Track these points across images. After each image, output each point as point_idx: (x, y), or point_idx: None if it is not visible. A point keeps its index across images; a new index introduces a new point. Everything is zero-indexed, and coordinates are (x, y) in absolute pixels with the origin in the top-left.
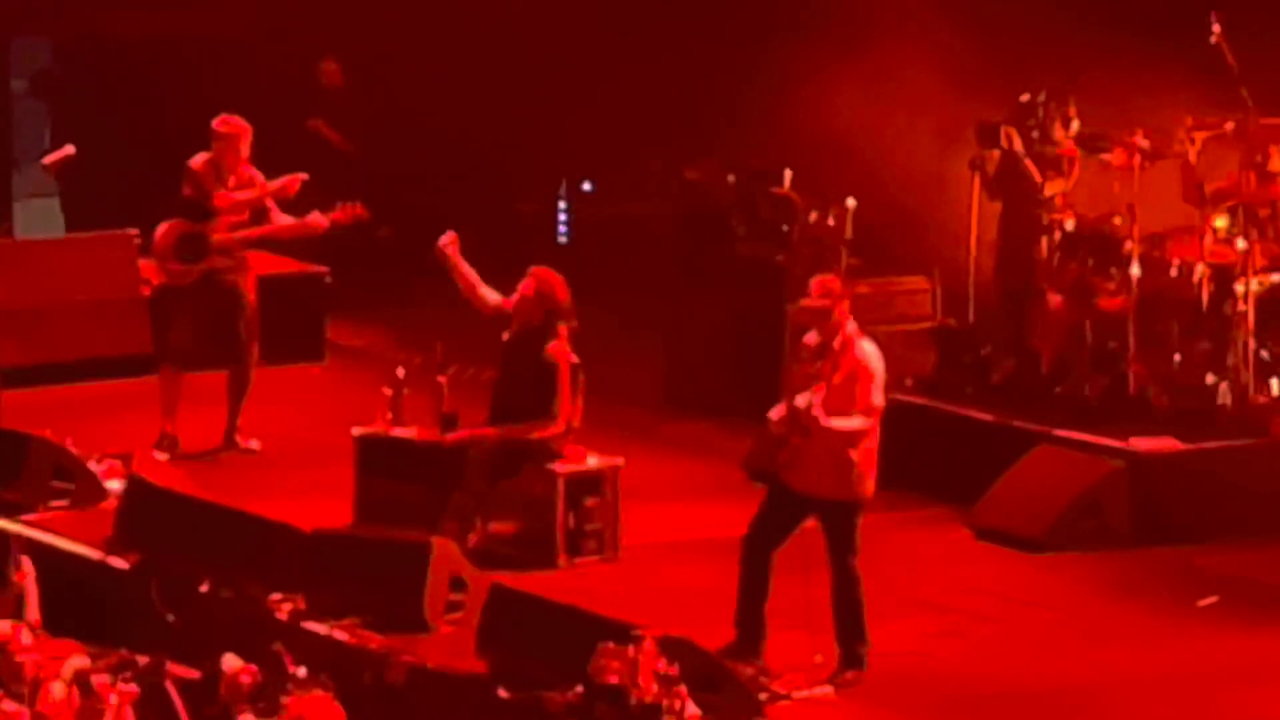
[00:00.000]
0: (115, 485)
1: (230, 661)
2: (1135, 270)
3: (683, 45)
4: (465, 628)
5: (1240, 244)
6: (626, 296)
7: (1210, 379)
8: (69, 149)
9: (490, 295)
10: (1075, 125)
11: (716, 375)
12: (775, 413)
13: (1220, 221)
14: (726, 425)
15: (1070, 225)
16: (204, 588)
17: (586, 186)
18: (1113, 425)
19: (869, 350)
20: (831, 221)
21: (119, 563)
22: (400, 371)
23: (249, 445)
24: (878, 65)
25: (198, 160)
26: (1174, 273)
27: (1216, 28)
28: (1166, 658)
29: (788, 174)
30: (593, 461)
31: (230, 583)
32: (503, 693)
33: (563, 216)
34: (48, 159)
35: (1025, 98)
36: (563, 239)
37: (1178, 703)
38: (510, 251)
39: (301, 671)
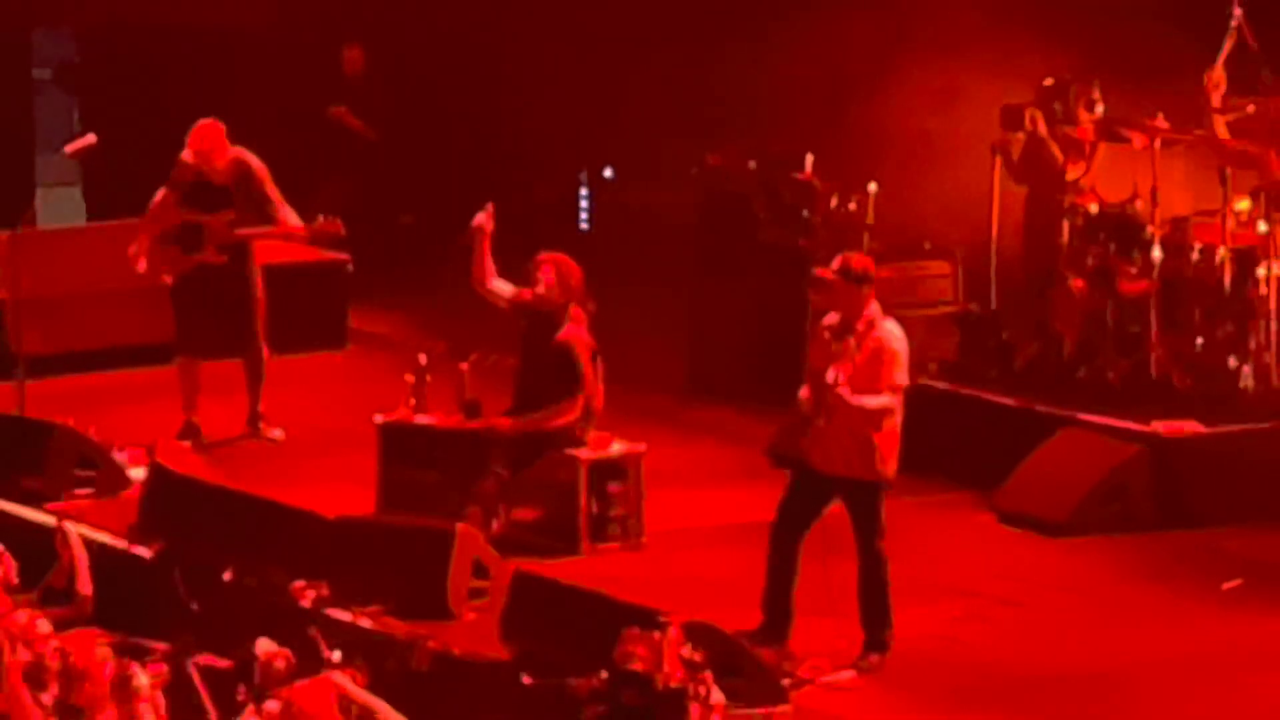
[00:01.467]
0: (138, 473)
1: (264, 646)
2: (1157, 254)
3: (703, 31)
4: (489, 614)
5: (1262, 227)
6: (648, 283)
7: (1232, 362)
8: (91, 138)
9: (504, 287)
10: (1100, 108)
11: (739, 361)
12: (805, 392)
13: (1242, 204)
14: (749, 410)
15: (1093, 209)
16: (227, 576)
17: (608, 173)
18: (1135, 409)
19: (893, 330)
20: (853, 206)
21: (142, 551)
22: (422, 358)
23: (272, 434)
24: (900, 49)
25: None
26: (1196, 256)
27: (1238, 10)
28: (1191, 641)
29: (809, 159)
30: (616, 448)
31: (254, 570)
32: (527, 679)
33: (584, 204)
34: (70, 147)
35: (1050, 81)
36: (584, 226)
37: (1203, 685)
38: (531, 239)
39: (336, 655)
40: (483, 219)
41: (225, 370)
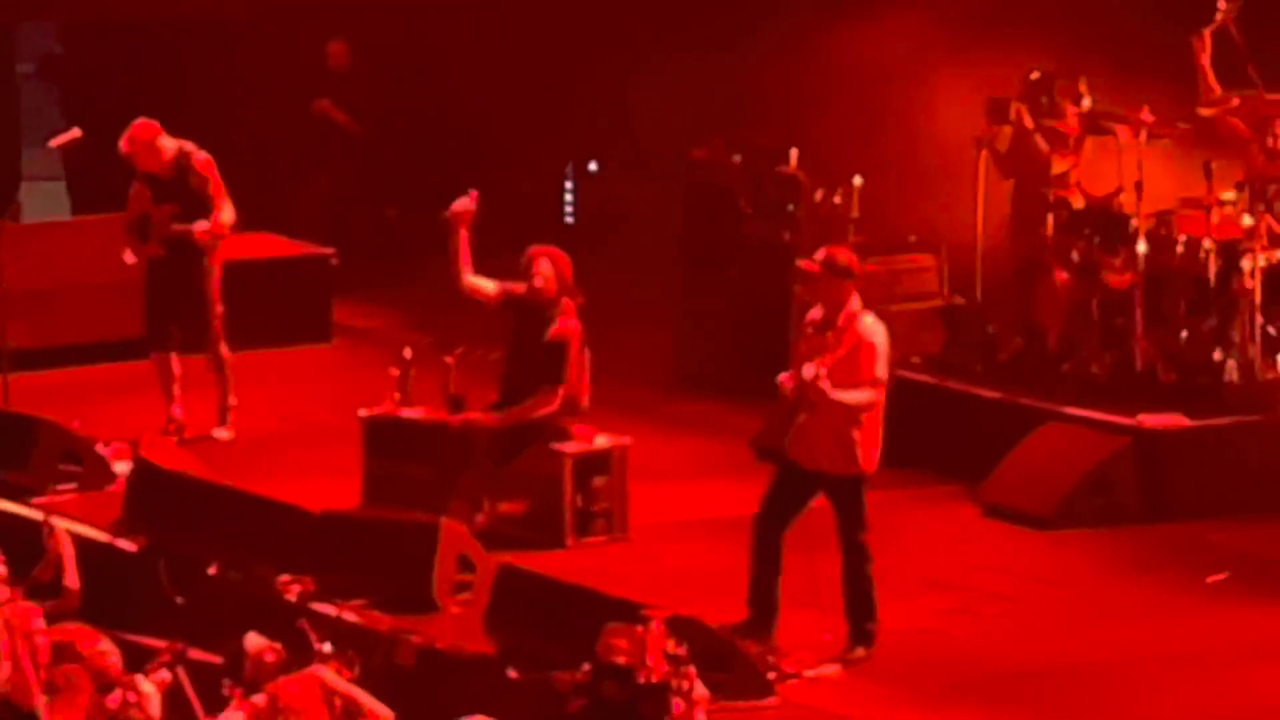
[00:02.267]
0: (123, 468)
1: (254, 640)
2: (1142, 247)
3: (688, 24)
4: (474, 608)
5: (1246, 220)
6: (633, 276)
7: (1217, 355)
8: (76, 132)
9: (486, 283)
10: (1086, 102)
11: (724, 354)
12: (785, 378)
13: (1227, 197)
14: (734, 404)
15: (1078, 202)
16: (212, 570)
17: (592, 167)
18: (1120, 402)
19: (873, 324)
20: (838, 200)
21: (127, 545)
22: (407, 352)
23: (218, 434)
24: (884, 43)
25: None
26: (1180, 249)
27: (1222, 4)
28: (1176, 634)
29: (794, 153)
30: (601, 441)
31: (239, 564)
32: (512, 673)
33: (569, 197)
34: (55, 141)
35: (1036, 74)
36: (569, 219)
37: (1188, 678)
38: (517, 232)
39: (327, 647)
40: (465, 203)
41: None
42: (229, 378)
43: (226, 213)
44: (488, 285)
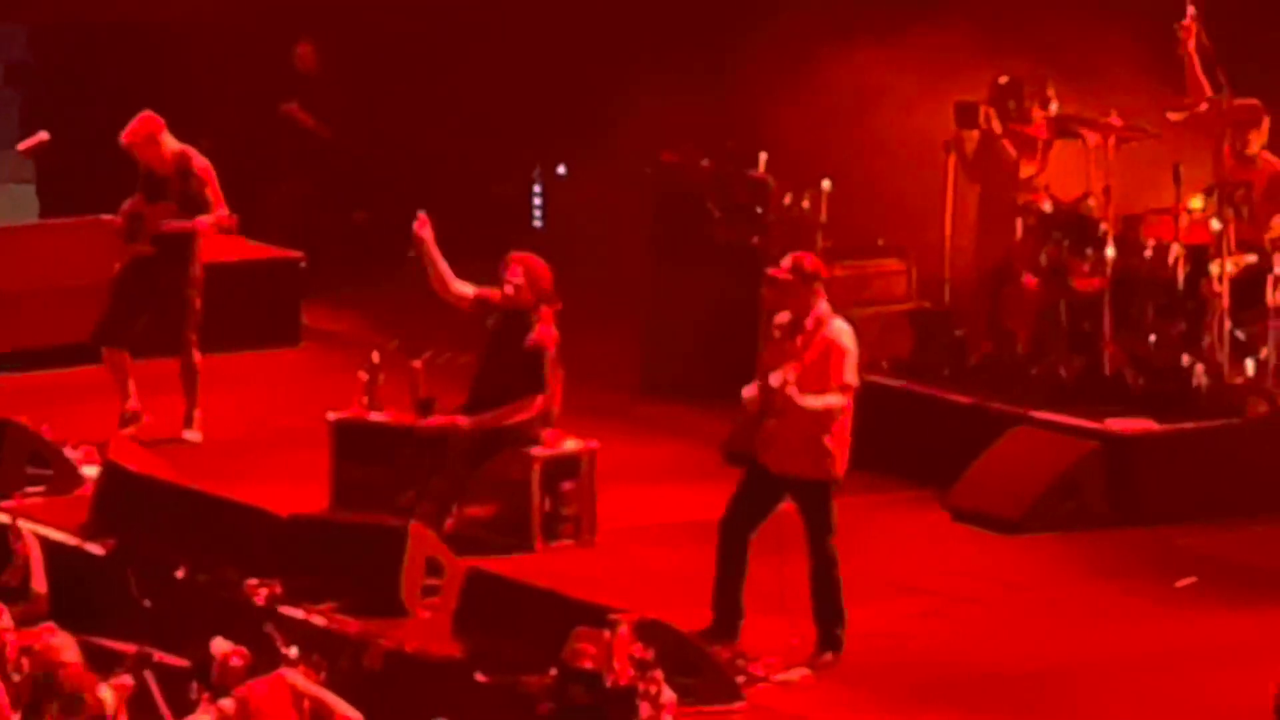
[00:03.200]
0: (91, 471)
1: (219, 645)
2: (1110, 251)
3: (658, 29)
4: (442, 612)
5: (1215, 225)
6: (602, 280)
7: (1186, 360)
8: (44, 135)
9: (464, 288)
10: (1054, 106)
11: (693, 358)
12: (749, 390)
13: (1195, 202)
14: (703, 408)
15: (1046, 206)
16: (180, 573)
17: (561, 170)
18: (1089, 406)
19: (841, 328)
20: (807, 204)
21: (95, 549)
22: (375, 356)
23: (187, 435)
24: (853, 47)
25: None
26: (1149, 254)
27: (1191, 9)
28: (1145, 638)
29: (763, 157)
30: (569, 445)
31: (207, 568)
32: (480, 677)
33: (538, 201)
34: (23, 145)
35: (1004, 79)
36: (538, 223)
37: (1156, 683)
38: (485, 236)
39: (293, 652)
40: (418, 224)
41: (171, 368)
42: (198, 382)
43: (226, 215)
44: (466, 289)
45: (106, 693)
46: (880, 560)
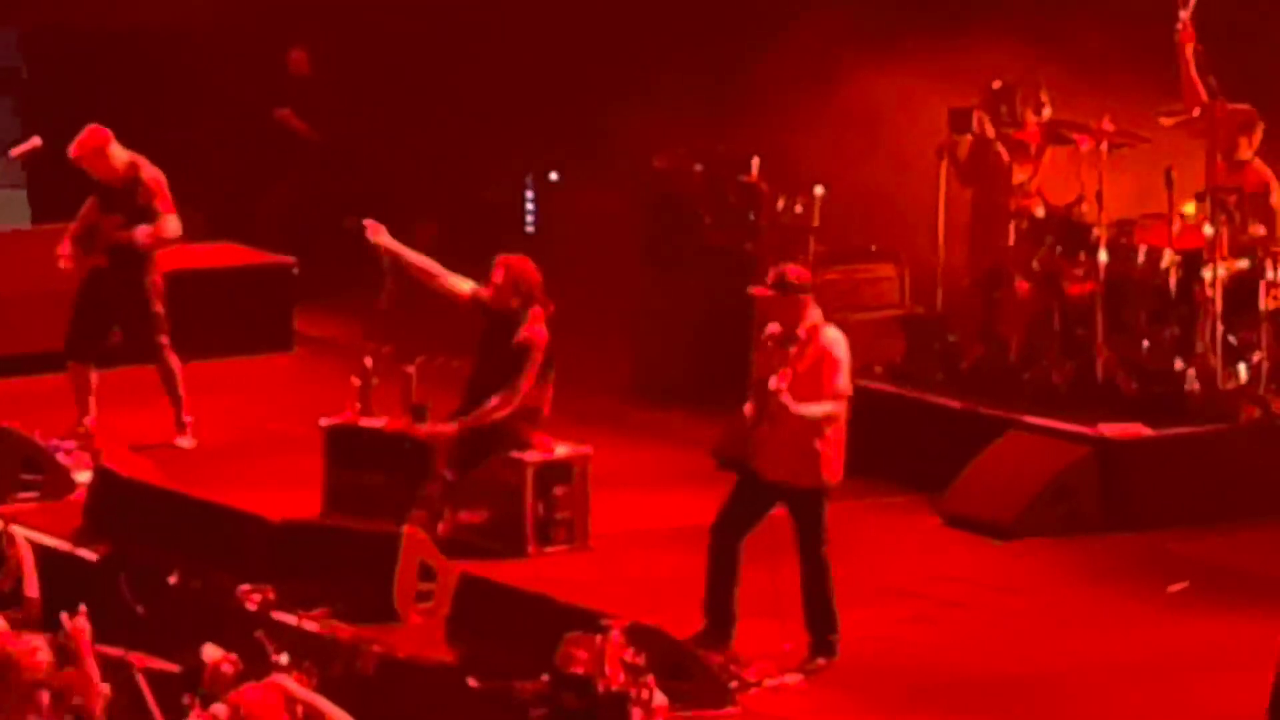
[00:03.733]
0: (83, 477)
1: (211, 652)
2: (1103, 256)
3: (650, 35)
4: (435, 617)
5: (1207, 230)
6: (594, 286)
7: (1178, 365)
8: (36, 141)
9: (460, 284)
10: (1047, 111)
11: (685, 363)
12: (750, 408)
13: (1188, 208)
14: (695, 413)
15: (1039, 211)
16: (173, 579)
17: (553, 176)
18: (1081, 411)
19: (834, 336)
20: (799, 209)
21: (88, 554)
22: (368, 361)
23: (180, 442)
24: (846, 52)
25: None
26: (1141, 259)
27: (1183, 14)
28: (1137, 643)
29: (755, 162)
30: (561, 450)
31: (199, 574)
32: (472, 682)
33: (530, 206)
34: (14, 151)
35: (997, 84)
36: (530, 229)
37: (1148, 688)
38: (478, 241)
39: (284, 659)
40: (373, 236)
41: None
42: (180, 385)
43: (171, 225)
44: (462, 285)
45: (44, 654)
46: (872, 565)
